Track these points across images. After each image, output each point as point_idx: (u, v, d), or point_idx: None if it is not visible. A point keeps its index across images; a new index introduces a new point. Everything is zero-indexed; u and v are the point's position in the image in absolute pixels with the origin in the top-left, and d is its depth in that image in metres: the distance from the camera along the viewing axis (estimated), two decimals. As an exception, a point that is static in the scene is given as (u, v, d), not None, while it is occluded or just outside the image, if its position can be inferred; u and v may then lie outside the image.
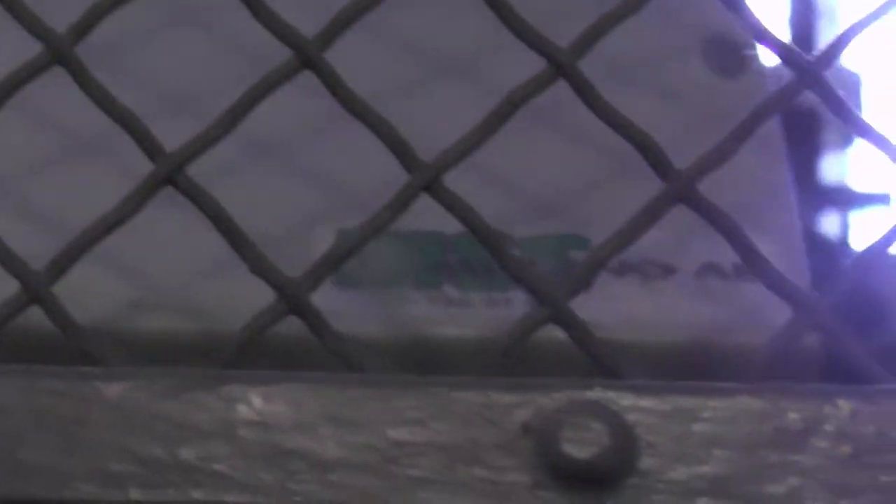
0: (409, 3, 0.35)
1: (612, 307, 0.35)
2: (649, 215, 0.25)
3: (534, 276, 0.26)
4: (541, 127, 0.35)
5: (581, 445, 0.21)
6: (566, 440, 0.21)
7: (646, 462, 0.21)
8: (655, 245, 0.35)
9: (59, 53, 0.27)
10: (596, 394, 0.21)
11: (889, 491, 0.21)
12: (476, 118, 0.27)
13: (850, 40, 0.28)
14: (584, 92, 0.26)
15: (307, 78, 0.28)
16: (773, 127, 0.33)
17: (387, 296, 0.36)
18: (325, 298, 0.33)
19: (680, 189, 0.25)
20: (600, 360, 0.24)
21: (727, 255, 0.34)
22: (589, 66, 0.30)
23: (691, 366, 0.33)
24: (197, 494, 0.21)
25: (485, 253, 0.34)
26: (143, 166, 0.27)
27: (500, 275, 0.29)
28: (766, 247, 0.32)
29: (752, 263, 0.27)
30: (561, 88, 0.27)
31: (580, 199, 0.35)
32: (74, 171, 0.35)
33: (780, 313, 0.28)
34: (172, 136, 0.27)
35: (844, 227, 1.01)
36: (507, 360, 0.25)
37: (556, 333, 0.27)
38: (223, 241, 0.26)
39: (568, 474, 0.21)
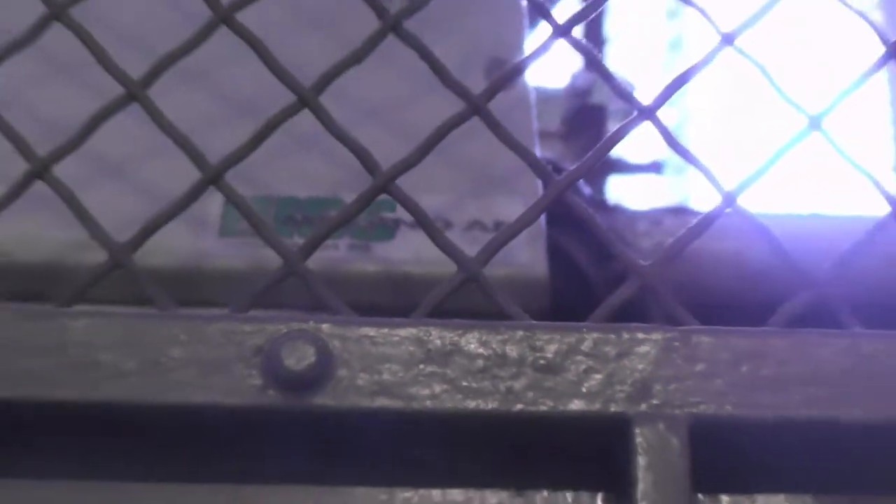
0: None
1: (409, 252, 0.44)
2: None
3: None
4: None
5: (296, 360, 0.30)
6: (286, 357, 0.30)
7: (341, 372, 0.30)
8: (440, 208, 0.45)
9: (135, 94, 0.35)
10: (309, 325, 0.30)
11: (508, 393, 0.30)
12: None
13: (677, 87, 0.37)
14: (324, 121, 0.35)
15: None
16: (526, 119, 0.42)
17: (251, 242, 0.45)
18: (208, 244, 0.43)
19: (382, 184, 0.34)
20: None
21: (489, 215, 0.44)
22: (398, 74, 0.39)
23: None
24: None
25: (321, 212, 0.45)
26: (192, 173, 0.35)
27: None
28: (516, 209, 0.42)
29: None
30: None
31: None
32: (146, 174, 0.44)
33: (517, 255, 0.38)
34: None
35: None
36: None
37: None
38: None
39: (287, 380, 0.30)
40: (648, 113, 0.35)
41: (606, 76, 0.36)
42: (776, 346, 0.30)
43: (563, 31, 0.36)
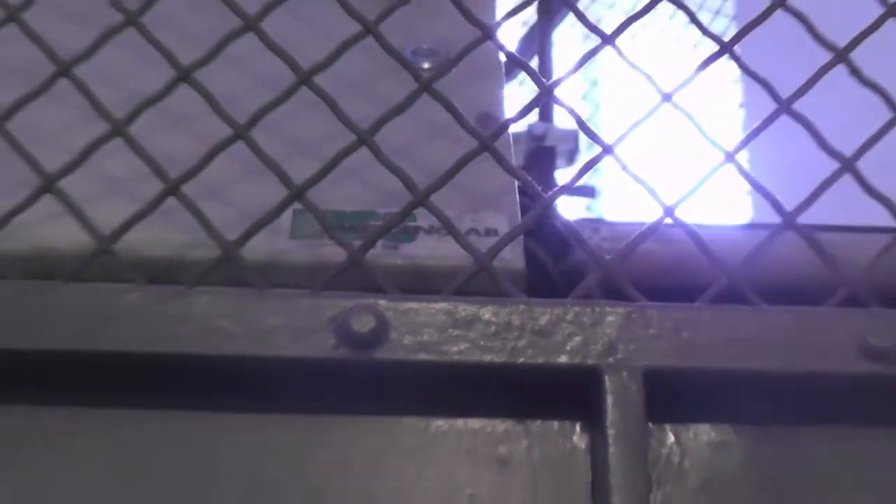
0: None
1: (427, 250, 0.56)
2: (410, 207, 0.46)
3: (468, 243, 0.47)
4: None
5: (361, 326, 0.42)
6: (354, 323, 0.42)
7: (393, 335, 0.42)
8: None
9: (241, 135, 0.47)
10: (370, 301, 0.42)
11: (513, 350, 0.42)
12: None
13: (633, 128, 0.49)
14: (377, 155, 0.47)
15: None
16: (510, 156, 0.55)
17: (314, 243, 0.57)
18: (282, 244, 0.55)
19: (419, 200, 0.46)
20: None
21: (482, 224, 0.56)
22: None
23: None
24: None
25: (362, 222, 0.57)
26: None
27: (363, 235, 0.50)
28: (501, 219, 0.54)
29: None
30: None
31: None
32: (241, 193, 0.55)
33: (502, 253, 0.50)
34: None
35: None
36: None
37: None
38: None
39: (355, 341, 0.42)
40: (610, 149, 0.47)
41: (582, 126, 0.49)
42: (705, 318, 0.42)
43: (549, 90, 0.48)
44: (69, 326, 0.42)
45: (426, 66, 0.61)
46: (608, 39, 0.50)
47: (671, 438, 0.43)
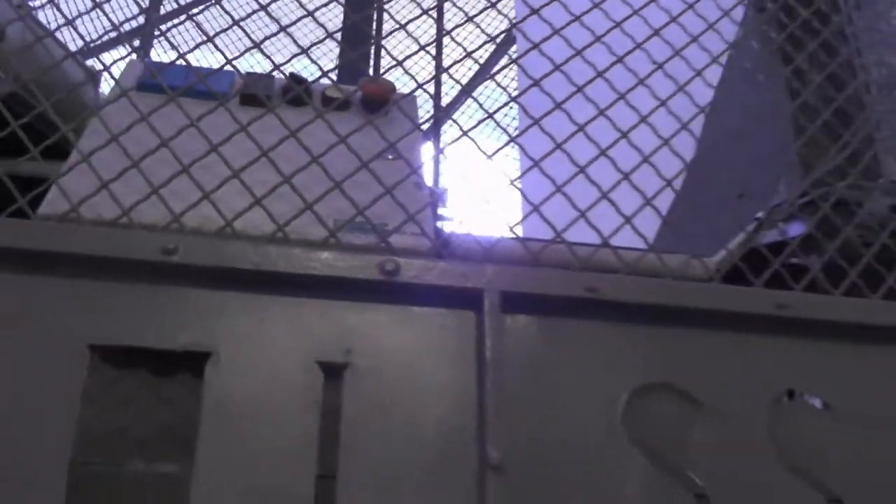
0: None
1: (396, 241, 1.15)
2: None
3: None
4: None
5: (390, 265, 1.00)
6: (386, 265, 1.00)
7: (402, 271, 1.00)
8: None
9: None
10: (390, 257, 1.00)
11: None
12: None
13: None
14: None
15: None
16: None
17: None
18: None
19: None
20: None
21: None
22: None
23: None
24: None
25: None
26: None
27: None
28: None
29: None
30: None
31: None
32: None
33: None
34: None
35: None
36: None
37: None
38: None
39: (388, 273, 1.00)
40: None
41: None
42: (518, 271, 1.05)
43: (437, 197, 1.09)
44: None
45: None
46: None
47: (508, 320, 1.05)
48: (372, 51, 2.47)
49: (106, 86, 2.12)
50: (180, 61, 1.36)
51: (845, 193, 1.91)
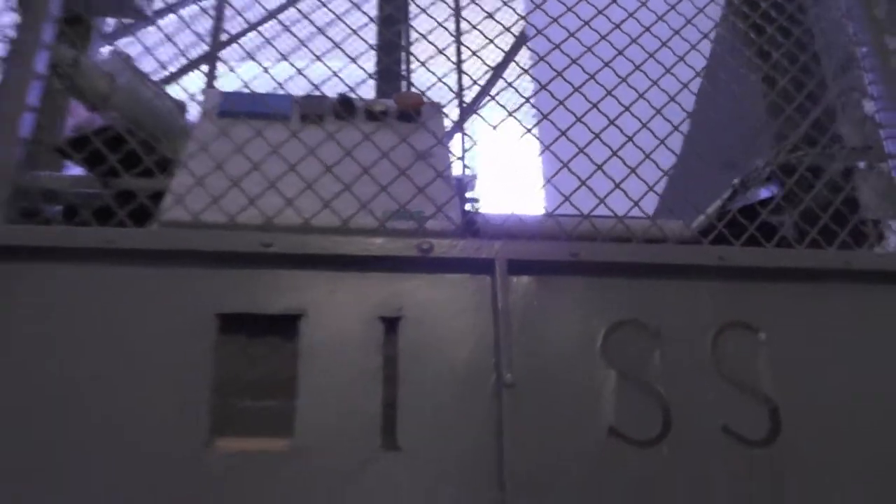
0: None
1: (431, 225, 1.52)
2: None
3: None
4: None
5: (425, 245, 1.38)
6: (422, 244, 1.37)
7: (434, 248, 1.38)
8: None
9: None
10: (423, 239, 1.38)
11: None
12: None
13: None
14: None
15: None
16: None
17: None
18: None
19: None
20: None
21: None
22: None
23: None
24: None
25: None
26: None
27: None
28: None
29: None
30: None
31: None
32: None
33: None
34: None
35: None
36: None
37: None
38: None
39: (425, 251, 1.37)
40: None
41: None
42: (524, 244, 1.42)
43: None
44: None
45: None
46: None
47: (513, 280, 1.42)
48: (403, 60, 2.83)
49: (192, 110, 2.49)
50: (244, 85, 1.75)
51: (815, 158, 2.26)
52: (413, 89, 1.93)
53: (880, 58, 2.27)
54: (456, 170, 1.97)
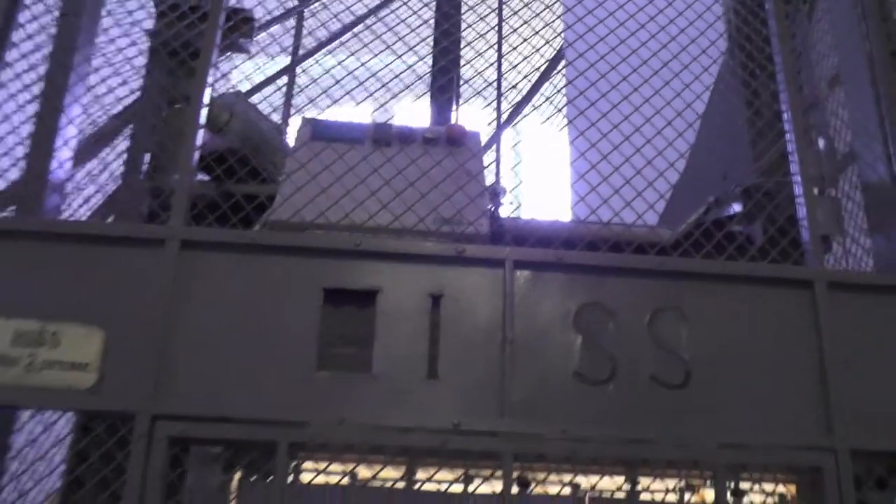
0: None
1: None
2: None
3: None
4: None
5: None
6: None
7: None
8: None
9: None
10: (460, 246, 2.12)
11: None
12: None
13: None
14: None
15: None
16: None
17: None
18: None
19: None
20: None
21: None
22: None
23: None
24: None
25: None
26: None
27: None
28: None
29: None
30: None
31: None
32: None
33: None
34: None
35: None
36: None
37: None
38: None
39: (457, 240, 2.11)
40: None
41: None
42: (550, 252, 2.14)
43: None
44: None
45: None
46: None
47: (517, 273, 2.14)
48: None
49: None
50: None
51: (770, 185, 2.96)
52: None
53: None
54: (489, 180, 2.68)
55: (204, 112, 2.33)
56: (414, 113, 3.38)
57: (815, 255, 2.23)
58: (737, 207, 3.24)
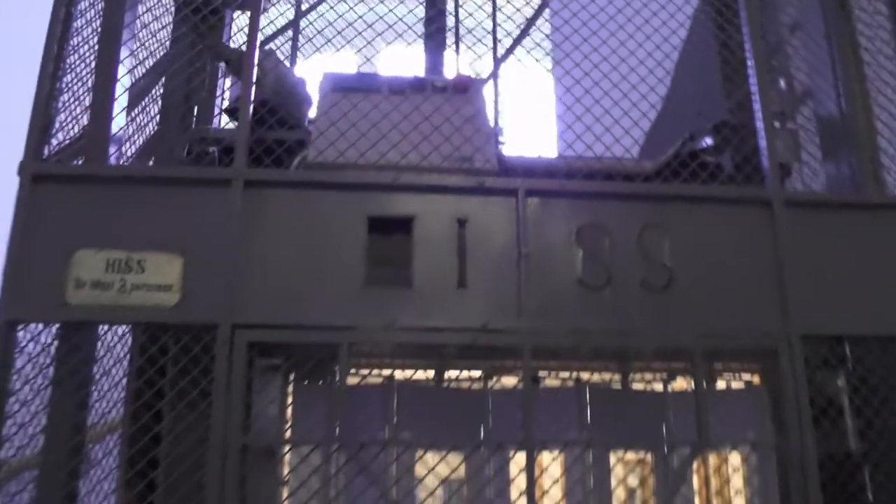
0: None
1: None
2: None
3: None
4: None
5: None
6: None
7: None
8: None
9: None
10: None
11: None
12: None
13: None
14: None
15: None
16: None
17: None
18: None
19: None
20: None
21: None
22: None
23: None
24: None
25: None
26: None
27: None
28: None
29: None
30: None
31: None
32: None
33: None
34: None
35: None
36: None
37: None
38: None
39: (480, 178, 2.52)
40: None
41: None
42: (544, 181, 2.56)
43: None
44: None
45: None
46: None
47: (529, 200, 2.56)
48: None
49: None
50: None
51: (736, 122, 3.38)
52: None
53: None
54: (491, 122, 3.08)
55: (254, 70, 2.69)
56: (407, 59, 3.74)
57: (774, 179, 2.67)
58: (709, 141, 3.67)
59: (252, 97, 3.14)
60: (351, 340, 2.37)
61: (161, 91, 3.61)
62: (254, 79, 2.67)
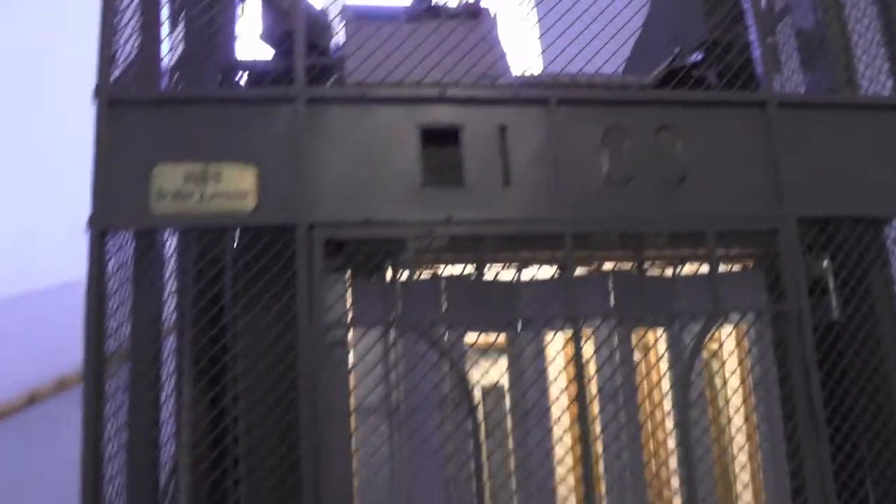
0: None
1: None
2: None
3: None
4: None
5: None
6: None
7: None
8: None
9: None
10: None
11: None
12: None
13: None
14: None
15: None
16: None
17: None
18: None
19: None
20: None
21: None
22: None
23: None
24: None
25: None
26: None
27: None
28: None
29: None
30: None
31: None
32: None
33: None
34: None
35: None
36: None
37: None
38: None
39: (516, 94, 2.85)
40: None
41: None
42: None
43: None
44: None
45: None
46: None
47: (561, 108, 2.89)
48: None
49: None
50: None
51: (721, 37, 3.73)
52: None
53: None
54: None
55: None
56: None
57: (767, 83, 3.06)
58: (697, 56, 4.05)
59: (284, 26, 3.40)
60: (416, 234, 2.70)
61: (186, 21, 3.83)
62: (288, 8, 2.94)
